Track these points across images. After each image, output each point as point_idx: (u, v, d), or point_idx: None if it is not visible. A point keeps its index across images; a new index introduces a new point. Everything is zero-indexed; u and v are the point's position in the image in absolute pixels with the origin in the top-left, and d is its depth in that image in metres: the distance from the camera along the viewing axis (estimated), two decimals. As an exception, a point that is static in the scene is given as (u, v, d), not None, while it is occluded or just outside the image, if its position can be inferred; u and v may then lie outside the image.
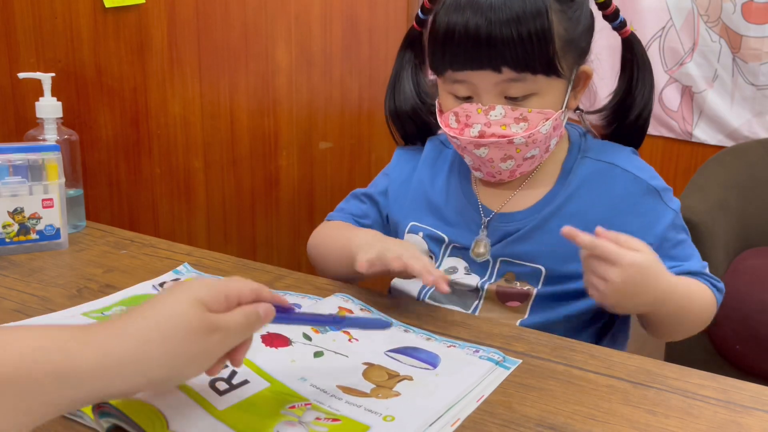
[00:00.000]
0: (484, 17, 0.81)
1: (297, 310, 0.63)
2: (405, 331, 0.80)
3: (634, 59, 0.95)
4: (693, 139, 2.29)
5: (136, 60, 1.88)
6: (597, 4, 0.92)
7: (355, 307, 0.85)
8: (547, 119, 0.87)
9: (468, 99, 0.88)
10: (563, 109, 0.89)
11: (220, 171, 2.08)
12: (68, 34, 1.78)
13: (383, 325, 0.73)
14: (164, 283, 0.93)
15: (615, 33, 0.94)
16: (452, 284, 0.94)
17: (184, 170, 2.03)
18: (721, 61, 2.19)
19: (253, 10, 2.00)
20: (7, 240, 1.04)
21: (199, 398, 0.60)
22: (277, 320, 0.60)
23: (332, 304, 0.85)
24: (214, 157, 2.06)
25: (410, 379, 0.69)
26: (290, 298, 0.88)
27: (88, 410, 0.59)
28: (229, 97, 2.04)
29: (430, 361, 0.73)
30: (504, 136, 0.86)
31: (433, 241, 1.00)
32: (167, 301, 0.53)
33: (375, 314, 0.84)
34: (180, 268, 0.98)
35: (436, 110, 0.94)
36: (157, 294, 0.55)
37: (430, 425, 0.60)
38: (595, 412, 0.65)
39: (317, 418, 0.60)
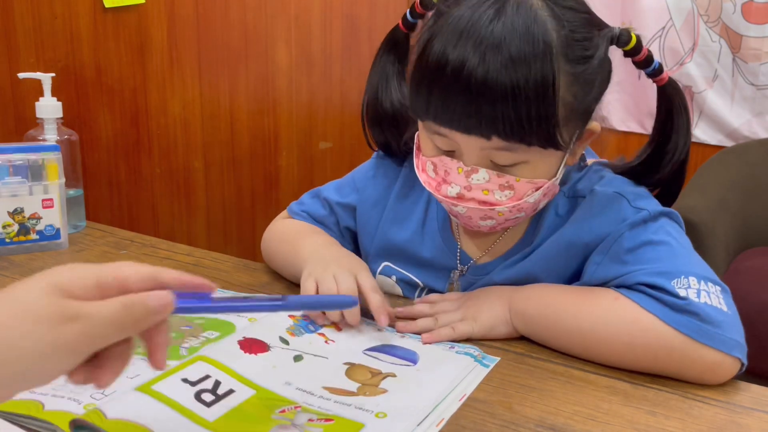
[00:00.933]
0: (483, 62, 0.67)
1: (216, 295, 0.50)
2: (378, 329, 0.79)
3: (669, 114, 0.81)
4: (693, 139, 2.30)
5: (136, 60, 1.88)
6: (624, 51, 0.77)
7: None
8: (537, 189, 0.75)
9: (449, 152, 0.76)
10: (557, 176, 0.77)
11: (220, 171, 2.08)
12: (68, 34, 1.78)
13: (343, 303, 0.62)
14: None
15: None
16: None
17: (183, 170, 2.03)
18: (721, 61, 2.19)
19: (253, 10, 2.00)
20: (7, 240, 1.04)
21: (188, 412, 0.59)
22: (186, 310, 0.48)
23: None
24: (214, 157, 2.06)
25: (393, 375, 0.69)
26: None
27: (65, 426, 0.57)
28: (229, 97, 2.04)
29: (409, 357, 0.73)
30: (485, 203, 0.75)
31: (407, 285, 0.93)
32: (18, 287, 0.43)
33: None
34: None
35: (414, 145, 0.82)
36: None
37: (417, 426, 0.60)
38: (595, 413, 0.65)
39: (310, 420, 0.59)
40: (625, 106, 2.29)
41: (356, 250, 1.00)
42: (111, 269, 0.45)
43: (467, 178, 0.74)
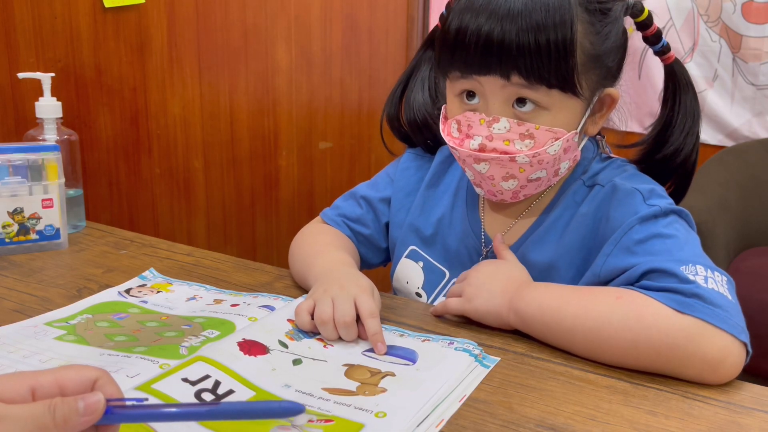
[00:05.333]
0: (499, 24, 0.74)
1: (148, 403, 0.49)
2: None
3: (677, 90, 0.86)
4: (693, 139, 2.30)
5: (136, 60, 1.88)
6: (636, 23, 0.83)
7: None
8: (556, 139, 0.78)
9: (473, 109, 0.81)
10: (578, 130, 0.81)
11: (220, 171, 2.08)
12: (68, 34, 1.78)
13: (286, 411, 0.49)
14: (130, 289, 0.91)
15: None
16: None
17: (184, 170, 2.03)
18: (721, 61, 2.19)
19: (253, 10, 2.00)
20: (7, 240, 1.04)
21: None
22: (120, 417, 0.46)
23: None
24: (214, 157, 2.06)
25: (393, 375, 0.69)
26: (262, 299, 0.87)
27: None
28: (229, 97, 2.04)
29: (408, 357, 0.73)
30: (506, 153, 0.79)
31: (433, 273, 0.95)
32: None
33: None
34: (146, 273, 0.97)
35: (441, 116, 0.87)
36: None
37: (417, 426, 0.60)
38: (595, 413, 0.65)
39: (310, 421, 0.59)
40: (625, 106, 2.29)
41: None
42: (51, 373, 0.45)
43: (489, 127, 0.79)
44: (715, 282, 0.72)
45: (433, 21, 2.43)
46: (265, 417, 0.52)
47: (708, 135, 2.25)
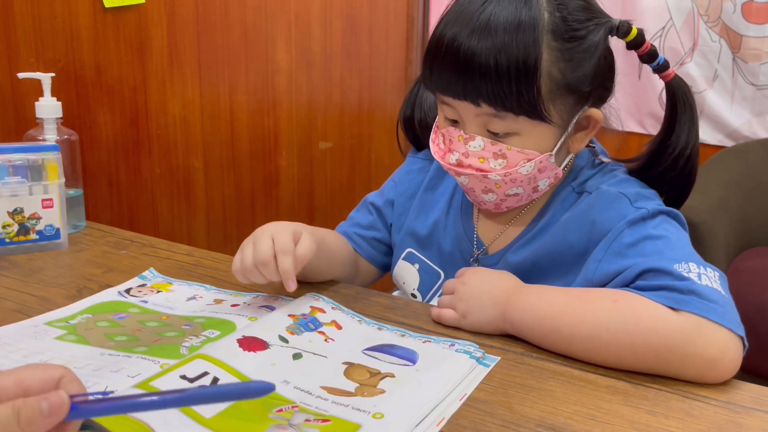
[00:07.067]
0: (469, 38, 0.75)
1: (114, 395, 0.49)
2: (379, 329, 0.79)
3: (674, 109, 0.84)
4: (693, 139, 2.29)
5: (136, 60, 1.88)
6: (626, 43, 0.81)
7: (327, 306, 0.84)
8: (528, 160, 0.80)
9: (456, 122, 0.83)
10: (552, 153, 0.81)
11: (220, 171, 2.08)
12: (68, 34, 1.78)
13: (254, 391, 0.48)
14: (130, 289, 0.91)
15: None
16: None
17: (183, 170, 2.03)
18: (721, 61, 2.19)
19: (253, 10, 2.00)
20: (7, 240, 1.04)
21: (184, 408, 0.59)
22: (84, 412, 0.46)
23: (305, 303, 0.84)
24: (214, 157, 2.06)
25: (392, 376, 0.69)
26: (261, 299, 0.87)
27: None
28: (229, 97, 2.04)
29: (409, 357, 0.73)
30: (480, 170, 0.82)
31: (429, 275, 0.97)
32: None
33: (346, 313, 0.83)
34: (146, 273, 0.97)
35: (434, 125, 0.89)
36: None
37: (416, 426, 0.60)
38: (595, 413, 0.65)
39: (307, 420, 0.59)
40: (625, 106, 2.29)
41: None
42: (13, 374, 0.45)
43: (465, 144, 0.82)
44: (708, 278, 0.72)
45: (433, 21, 2.43)
46: (235, 399, 0.51)
47: (708, 135, 2.25)
